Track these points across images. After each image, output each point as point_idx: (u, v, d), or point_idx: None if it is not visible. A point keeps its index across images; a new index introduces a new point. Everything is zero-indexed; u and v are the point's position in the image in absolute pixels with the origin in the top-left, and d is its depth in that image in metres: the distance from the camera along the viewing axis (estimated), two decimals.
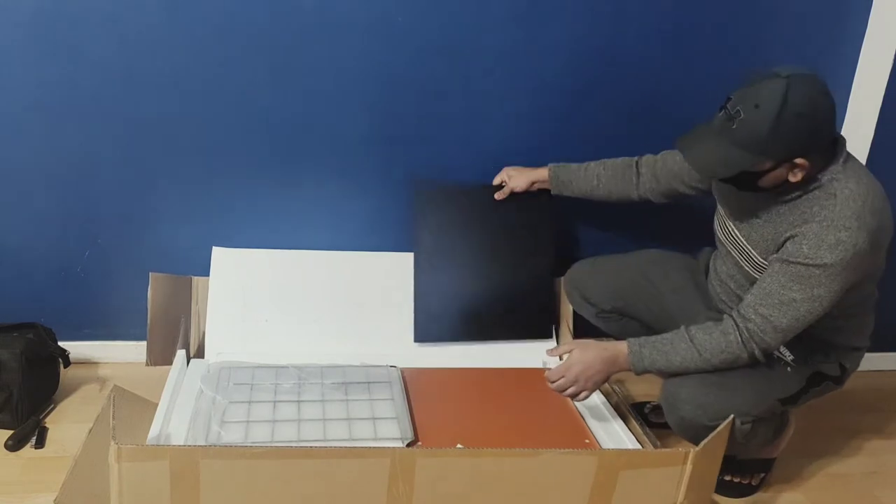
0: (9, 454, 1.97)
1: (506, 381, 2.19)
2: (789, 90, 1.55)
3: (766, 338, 1.73)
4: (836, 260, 1.62)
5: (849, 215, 1.63)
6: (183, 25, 2.11)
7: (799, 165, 1.62)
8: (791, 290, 1.68)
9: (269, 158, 2.29)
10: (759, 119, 1.56)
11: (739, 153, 1.61)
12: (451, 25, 2.21)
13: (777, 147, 1.59)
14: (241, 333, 2.23)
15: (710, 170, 1.68)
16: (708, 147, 1.66)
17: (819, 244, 1.63)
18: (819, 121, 1.60)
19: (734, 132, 1.60)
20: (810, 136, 1.60)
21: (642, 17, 2.27)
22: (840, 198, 1.64)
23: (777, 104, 1.55)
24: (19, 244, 2.26)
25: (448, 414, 2.00)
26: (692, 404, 1.75)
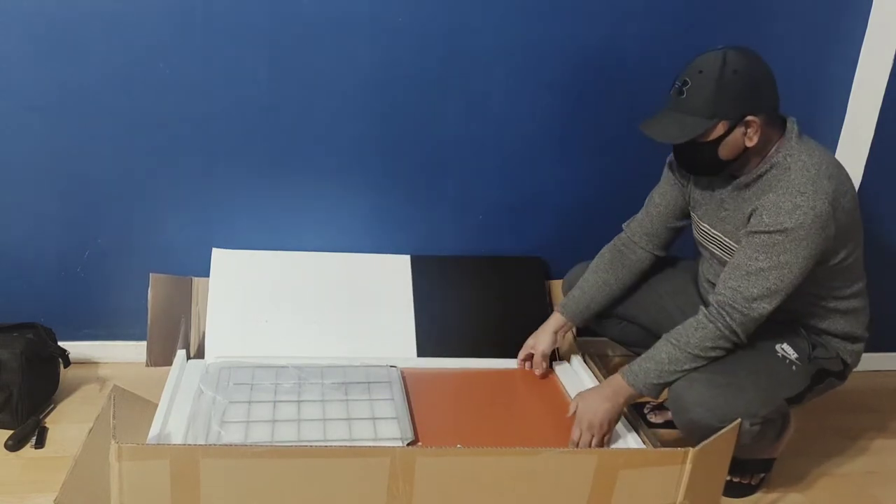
0: (9, 454, 1.97)
1: (506, 382, 2.19)
2: (726, 54, 1.68)
3: (739, 309, 1.74)
4: (796, 224, 1.67)
5: (804, 181, 1.70)
6: (183, 26, 2.11)
7: (751, 124, 1.71)
8: (757, 259, 1.72)
9: (269, 159, 2.29)
10: (705, 81, 1.68)
11: (693, 119, 1.70)
12: (451, 25, 2.21)
13: (725, 104, 1.69)
14: (241, 334, 2.23)
15: (669, 136, 1.74)
16: (664, 120, 1.75)
17: (778, 211, 1.69)
18: (758, 77, 1.71)
19: (685, 101, 1.71)
20: (753, 91, 1.70)
21: (642, 18, 2.28)
22: (794, 168, 1.72)
23: (718, 65, 1.67)
24: (19, 244, 2.26)
25: (448, 414, 2.00)
26: (701, 406, 1.74)
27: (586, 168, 2.44)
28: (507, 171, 2.41)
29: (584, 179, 2.45)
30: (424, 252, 2.45)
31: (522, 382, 2.18)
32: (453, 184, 2.41)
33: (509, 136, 2.36)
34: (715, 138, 1.72)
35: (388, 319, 2.32)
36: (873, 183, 2.49)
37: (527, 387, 2.16)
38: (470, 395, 2.12)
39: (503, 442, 1.85)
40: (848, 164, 2.47)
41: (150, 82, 2.15)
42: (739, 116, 1.70)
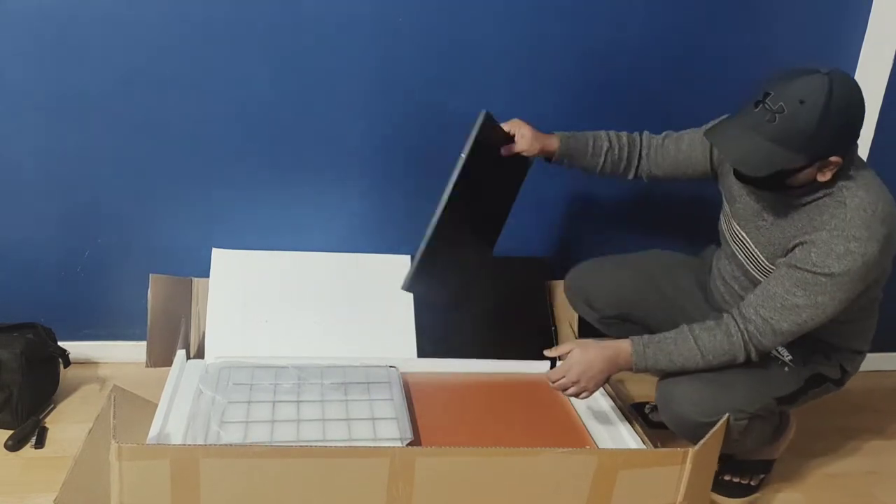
0: (9, 454, 1.97)
1: (506, 385, 2.19)
2: (833, 86, 1.53)
3: (763, 340, 1.72)
4: (843, 269, 1.61)
5: (859, 224, 1.61)
6: (183, 26, 2.11)
7: (832, 164, 1.59)
8: (795, 295, 1.66)
9: (269, 159, 2.29)
10: (805, 115, 1.53)
11: (780, 150, 1.56)
12: (451, 25, 2.21)
13: (820, 144, 1.55)
14: (241, 334, 2.23)
15: (752, 167, 1.61)
16: (746, 143, 1.60)
17: (828, 253, 1.61)
18: (857, 119, 1.59)
19: (775, 128, 1.55)
20: (850, 134, 1.59)
21: (643, 17, 2.28)
22: (850, 206, 1.62)
23: (822, 101, 1.52)
24: (19, 244, 2.26)
25: (448, 416, 2.00)
26: (687, 401, 1.75)
27: None
28: None
29: (584, 179, 2.44)
30: None
31: (523, 384, 2.18)
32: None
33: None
34: (791, 169, 1.61)
35: (388, 319, 2.31)
36: None
37: (527, 389, 2.16)
38: (470, 397, 2.12)
39: (503, 444, 1.85)
40: None
41: (150, 82, 2.15)
42: (827, 156, 1.58)
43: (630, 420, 2.00)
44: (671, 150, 2.01)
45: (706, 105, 2.32)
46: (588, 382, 1.82)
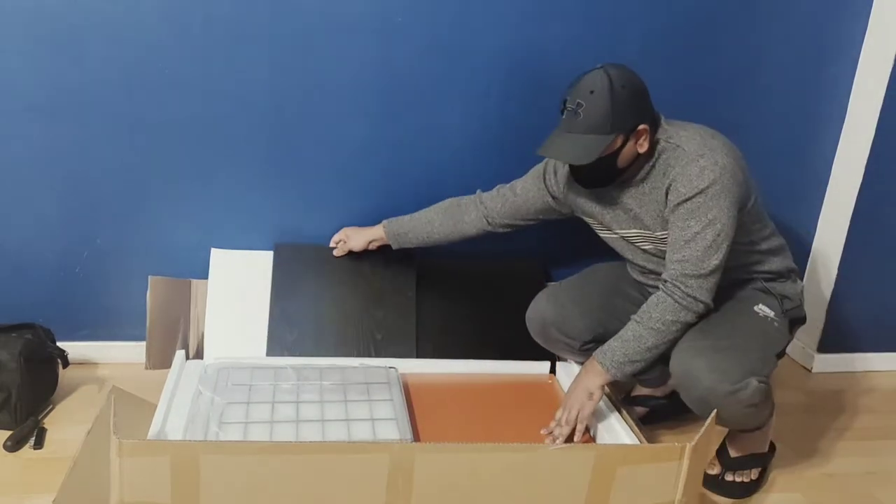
0: (7, 455, 1.97)
1: (506, 385, 2.19)
2: (609, 72, 1.78)
3: (691, 274, 1.82)
4: (709, 181, 1.77)
5: (696, 148, 1.81)
6: (183, 26, 2.11)
7: (641, 132, 1.81)
8: (689, 227, 1.80)
9: (269, 159, 2.29)
10: (599, 100, 1.76)
11: (594, 137, 1.77)
12: (450, 26, 2.22)
13: (620, 119, 1.77)
14: (240, 334, 2.23)
15: (580, 157, 1.79)
16: (567, 142, 1.81)
17: (688, 178, 1.79)
18: (640, 89, 1.82)
19: (583, 121, 1.77)
20: (640, 102, 1.82)
21: (643, 19, 2.28)
22: (682, 143, 1.83)
23: (606, 83, 1.76)
24: (18, 244, 2.26)
25: (447, 416, 2.00)
26: (713, 372, 1.76)
27: None
28: (507, 170, 2.40)
29: None
30: (425, 253, 2.45)
31: (523, 386, 2.18)
32: (453, 184, 2.40)
33: (509, 136, 2.36)
34: (613, 151, 1.81)
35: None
36: (873, 183, 2.48)
37: (527, 390, 2.16)
38: (470, 397, 2.11)
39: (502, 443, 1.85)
40: (848, 164, 2.49)
41: (149, 82, 2.15)
42: (633, 127, 1.80)
43: (624, 415, 1.99)
44: (508, 198, 2.16)
45: (706, 105, 2.34)
46: (579, 411, 1.89)
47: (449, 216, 2.20)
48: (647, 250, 1.99)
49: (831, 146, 2.50)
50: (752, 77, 2.40)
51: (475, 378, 2.21)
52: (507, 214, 2.16)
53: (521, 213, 2.16)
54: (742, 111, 2.43)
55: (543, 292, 2.18)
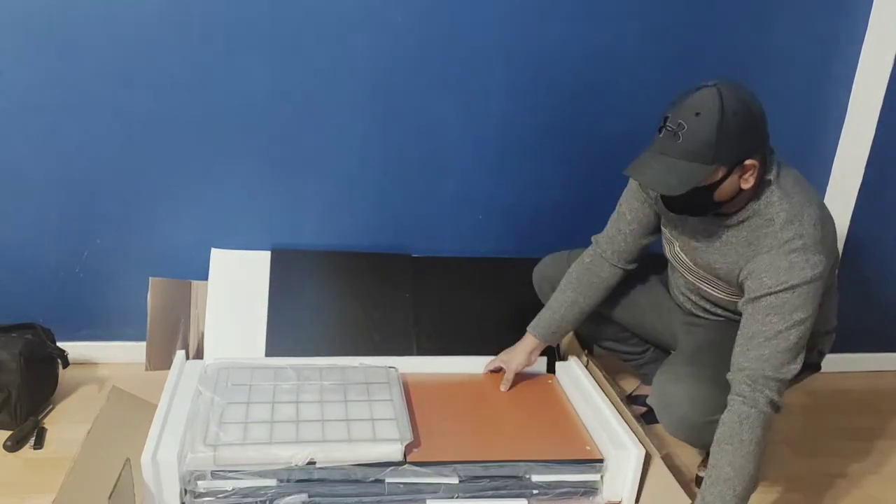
0: (7, 455, 1.97)
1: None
2: (722, 94, 1.56)
3: (772, 376, 1.64)
4: (799, 279, 1.61)
5: (792, 237, 1.63)
6: (183, 26, 2.11)
7: (749, 168, 1.62)
8: (772, 323, 1.64)
9: (269, 159, 2.29)
10: (704, 125, 1.56)
11: (693, 165, 1.58)
12: (450, 25, 2.21)
13: (725, 149, 1.58)
14: (240, 334, 2.23)
15: (670, 187, 1.61)
16: (659, 167, 1.62)
17: (777, 272, 1.62)
18: (756, 118, 1.60)
19: (682, 145, 1.58)
20: (753, 134, 1.61)
21: (642, 18, 2.28)
22: (778, 222, 1.65)
23: (717, 107, 1.55)
24: (18, 244, 2.26)
25: (448, 417, 1.99)
26: (692, 401, 1.73)
27: (586, 168, 2.43)
28: (506, 171, 2.41)
29: (584, 180, 2.44)
30: (424, 252, 2.45)
31: (523, 385, 2.18)
32: (453, 184, 2.40)
33: (509, 136, 2.36)
34: (712, 183, 1.62)
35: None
36: (873, 183, 2.49)
37: (527, 390, 2.16)
38: (470, 397, 2.11)
39: (503, 446, 1.86)
40: (848, 164, 2.49)
41: (149, 82, 2.15)
42: (739, 161, 1.60)
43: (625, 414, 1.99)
44: (623, 230, 1.99)
45: None
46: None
47: (586, 286, 2.05)
48: (690, 283, 1.92)
49: (831, 146, 2.50)
50: (752, 77, 2.37)
51: (475, 377, 2.21)
52: (634, 246, 2.00)
53: (644, 233, 1.98)
54: None
55: (553, 254, 2.20)
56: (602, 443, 1.89)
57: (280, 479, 1.72)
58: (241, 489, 1.70)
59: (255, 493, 1.70)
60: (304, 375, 2.03)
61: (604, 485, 1.87)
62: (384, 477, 1.74)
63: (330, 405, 1.92)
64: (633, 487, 1.85)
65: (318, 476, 1.73)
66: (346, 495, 1.74)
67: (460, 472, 1.78)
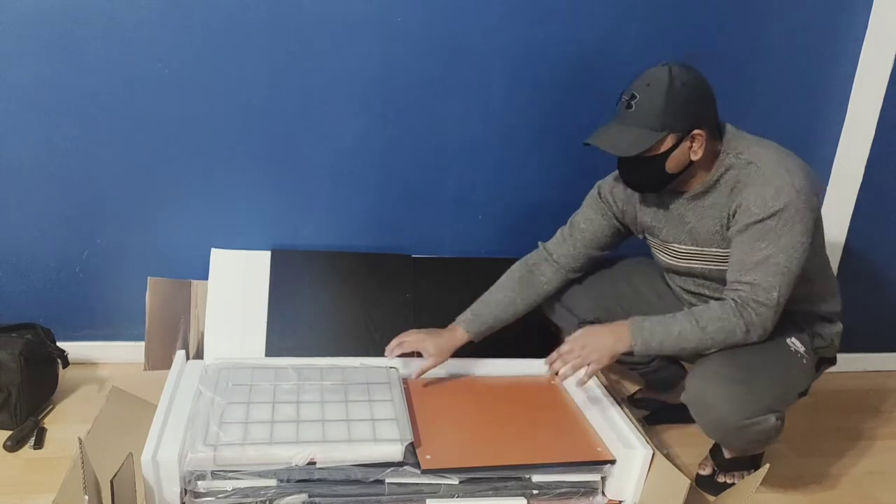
0: (7, 455, 1.97)
1: (507, 385, 2.18)
2: (671, 69, 1.71)
3: (762, 301, 1.73)
4: (784, 203, 1.69)
5: (773, 168, 1.73)
6: (183, 26, 2.11)
7: (697, 137, 1.73)
8: (760, 249, 1.72)
9: (269, 159, 2.29)
10: (654, 94, 1.70)
11: (643, 131, 1.71)
12: (450, 25, 2.21)
13: (674, 117, 1.70)
14: (240, 334, 2.23)
15: (623, 149, 1.73)
16: (614, 133, 1.75)
17: (763, 199, 1.70)
18: (703, 90, 1.74)
19: (634, 114, 1.72)
20: (699, 105, 1.73)
21: (642, 18, 2.28)
22: (756, 160, 1.75)
23: (665, 79, 1.70)
24: (18, 244, 2.26)
25: (448, 417, 1.99)
26: (726, 402, 1.73)
27: (586, 168, 2.43)
28: (507, 171, 2.41)
29: (584, 180, 2.43)
30: (424, 252, 2.45)
31: (524, 385, 2.18)
32: (453, 184, 2.40)
33: (509, 136, 2.36)
34: (663, 152, 1.74)
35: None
36: (873, 183, 2.49)
37: (529, 389, 2.16)
38: (470, 397, 2.11)
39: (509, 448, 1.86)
40: (848, 164, 2.49)
41: (149, 82, 2.15)
42: (686, 130, 1.72)
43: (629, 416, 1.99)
44: (576, 237, 2.06)
45: None
46: (592, 354, 1.81)
47: (525, 286, 2.08)
48: (695, 270, 1.93)
49: (831, 146, 2.50)
50: (752, 77, 2.39)
51: (476, 377, 2.21)
52: (581, 254, 2.06)
53: (593, 245, 2.06)
54: (742, 111, 2.41)
55: None
56: (610, 442, 1.89)
57: (280, 479, 1.71)
58: (241, 489, 1.70)
59: (255, 493, 1.70)
60: (305, 376, 2.03)
61: (607, 484, 1.86)
62: (384, 477, 1.74)
63: (330, 405, 1.92)
64: (637, 487, 1.84)
65: (318, 476, 1.72)
66: (346, 495, 1.74)
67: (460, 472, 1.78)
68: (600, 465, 1.84)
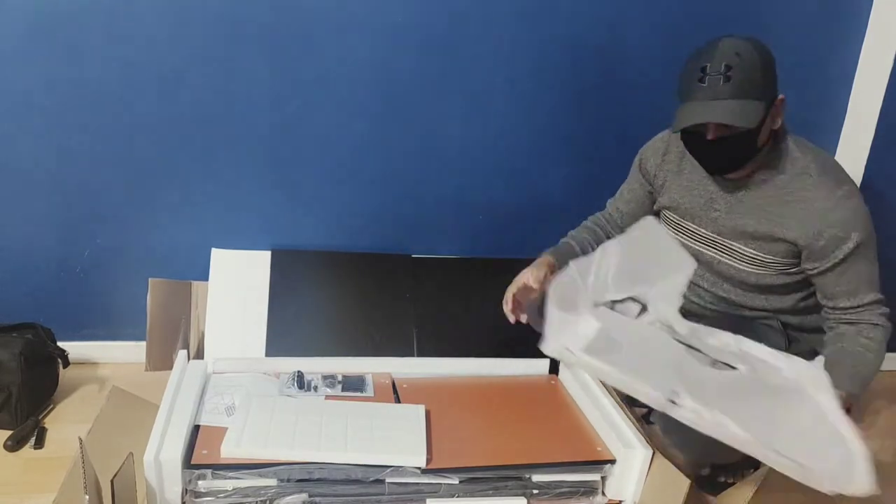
0: (8, 454, 1.97)
1: (508, 385, 2.18)
2: (742, 38, 1.64)
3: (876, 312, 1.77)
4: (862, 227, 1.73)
5: (830, 185, 1.72)
6: (183, 26, 2.11)
7: (779, 104, 1.70)
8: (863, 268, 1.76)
9: (269, 159, 2.29)
10: (749, 63, 1.61)
11: (749, 102, 1.62)
12: (450, 25, 2.21)
13: (768, 85, 1.66)
14: (240, 334, 2.23)
15: (743, 120, 1.63)
16: (717, 107, 1.63)
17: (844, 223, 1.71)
18: (772, 58, 1.69)
19: (733, 85, 1.61)
20: (775, 71, 1.70)
21: (642, 18, 2.28)
22: (812, 172, 1.73)
23: (752, 47, 1.63)
24: (19, 244, 2.26)
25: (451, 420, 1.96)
26: None
27: (587, 168, 2.44)
28: (506, 171, 2.41)
29: (584, 180, 2.44)
30: (424, 252, 2.45)
31: (525, 386, 2.18)
32: (453, 184, 2.41)
33: (509, 136, 2.36)
34: (760, 123, 1.66)
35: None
36: (873, 183, 2.49)
37: (531, 391, 2.15)
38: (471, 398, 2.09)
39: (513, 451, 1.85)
40: (848, 164, 2.47)
41: (149, 83, 2.15)
42: (774, 97, 1.68)
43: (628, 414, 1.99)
44: (622, 209, 2.09)
45: None
46: None
47: (600, 231, 2.10)
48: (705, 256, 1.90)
49: (831, 146, 2.50)
50: None
51: (476, 378, 2.20)
52: (636, 218, 2.01)
53: (641, 212, 2.04)
54: None
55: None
56: (610, 442, 1.89)
57: (280, 479, 1.71)
58: (242, 489, 1.69)
59: (256, 492, 1.70)
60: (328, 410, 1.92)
61: (607, 484, 1.86)
62: (384, 477, 1.74)
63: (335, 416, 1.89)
64: (637, 487, 1.84)
65: (318, 476, 1.72)
66: (346, 495, 1.73)
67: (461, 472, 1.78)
68: (600, 464, 1.84)
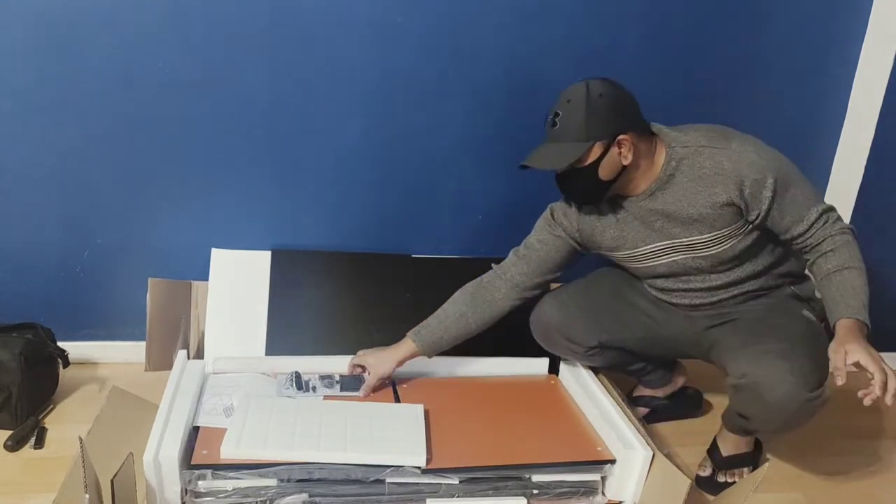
0: (8, 454, 1.97)
1: (508, 386, 2.18)
2: (588, 83, 1.77)
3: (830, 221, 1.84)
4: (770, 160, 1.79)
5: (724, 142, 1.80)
6: (183, 26, 2.11)
7: (623, 142, 1.77)
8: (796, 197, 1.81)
9: (269, 159, 2.29)
10: (574, 108, 1.76)
11: (570, 144, 1.77)
12: (450, 26, 2.21)
13: (597, 127, 1.76)
14: (240, 334, 2.23)
15: (551, 163, 1.80)
16: (543, 152, 1.83)
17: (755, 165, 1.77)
18: (622, 98, 1.79)
19: (559, 130, 1.79)
20: (620, 111, 1.78)
21: (642, 19, 2.28)
22: (707, 143, 1.81)
23: (583, 92, 1.76)
24: (19, 244, 2.26)
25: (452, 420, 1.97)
26: (793, 377, 1.74)
27: None
28: (506, 171, 2.40)
29: None
30: (424, 252, 2.45)
31: (526, 386, 2.18)
32: (453, 184, 2.41)
33: (509, 136, 2.35)
34: (593, 161, 1.78)
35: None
36: (873, 183, 2.49)
37: (531, 391, 2.16)
38: (472, 398, 2.10)
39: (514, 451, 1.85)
40: (848, 164, 2.49)
41: (149, 82, 2.15)
42: (612, 136, 1.77)
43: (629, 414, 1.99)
44: (531, 258, 2.04)
45: (705, 105, 2.33)
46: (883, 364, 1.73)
47: (479, 303, 2.04)
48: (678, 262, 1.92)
49: (831, 146, 2.50)
50: (752, 77, 2.40)
51: (476, 378, 2.21)
52: (536, 272, 2.03)
53: (548, 265, 2.04)
54: (742, 111, 2.42)
55: (548, 296, 2.12)
56: (610, 442, 1.89)
57: (280, 479, 1.71)
58: (242, 489, 1.70)
59: (256, 492, 1.70)
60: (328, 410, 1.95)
61: (607, 484, 1.86)
62: (384, 477, 1.74)
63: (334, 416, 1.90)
64: (637, 487, 1.84)
65: (318, 476, 1.72)
66: (346, 495, 1.74)
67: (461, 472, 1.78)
68: (600, 464, 1.84)
